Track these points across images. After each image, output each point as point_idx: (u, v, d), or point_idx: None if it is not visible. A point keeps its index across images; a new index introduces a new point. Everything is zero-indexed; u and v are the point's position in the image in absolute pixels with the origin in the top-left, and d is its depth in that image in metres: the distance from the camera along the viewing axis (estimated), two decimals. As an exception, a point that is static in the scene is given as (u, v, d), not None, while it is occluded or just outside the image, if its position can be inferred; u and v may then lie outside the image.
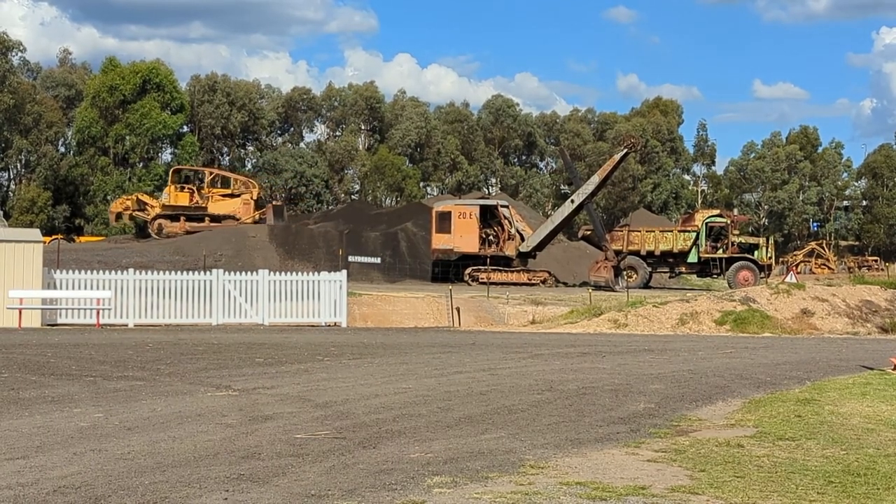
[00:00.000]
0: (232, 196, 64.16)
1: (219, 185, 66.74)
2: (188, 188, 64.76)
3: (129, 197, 67.51)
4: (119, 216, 66.15)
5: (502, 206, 51.09)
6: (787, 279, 34.10)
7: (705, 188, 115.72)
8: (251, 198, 63.63)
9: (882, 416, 11.77)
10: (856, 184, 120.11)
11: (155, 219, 62.37)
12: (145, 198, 66.41)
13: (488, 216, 50.24)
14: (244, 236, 52.65)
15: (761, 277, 44.94)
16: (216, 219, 61.31)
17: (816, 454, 9.35)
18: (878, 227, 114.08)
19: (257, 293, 28.89)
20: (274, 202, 71.56)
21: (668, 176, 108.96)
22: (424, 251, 53.45)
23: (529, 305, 33.40)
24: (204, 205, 62.56)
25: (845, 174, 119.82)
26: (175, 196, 63.28)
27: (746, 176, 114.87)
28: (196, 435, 9.80)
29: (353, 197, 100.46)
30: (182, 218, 61.37)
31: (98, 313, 27.55)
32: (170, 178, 67.83)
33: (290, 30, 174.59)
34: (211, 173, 69.02)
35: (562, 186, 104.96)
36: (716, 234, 48.26)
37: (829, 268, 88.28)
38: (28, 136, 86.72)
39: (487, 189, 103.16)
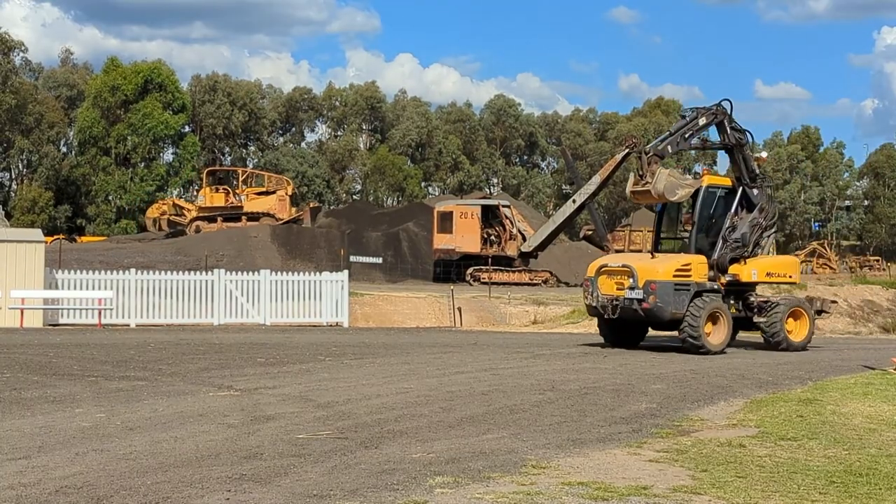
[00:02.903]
0: (267, 193, 64.02)
1: (252, 184, 66.74)
2: (223, 189, 64.48)
3: (166, 202, 67.85)
4: (156, 221, 66.11)
5: (504, 206, 51.08)
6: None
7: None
8: (286, 194, 63.51)
9: (884, 415, 11.77)
10: (857, 183, 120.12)
11: (192, 221, 62.36)
12: (181, 202, 66.77)
13: (490, 216, 50.24)
14: (246, 236, 52.67)
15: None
16: (254, 217, 61.05)
17: (818, 454, 9.35)
18: (879, 227, 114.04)
19: (259, 293, 28.87)
20: (312, 204, 71.66)
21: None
22: (426, 251, 53.44)
23: (531, 305, 33.39)
24: (240, 204, 62.46)
25: (847, 174, 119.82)
26: (211, 197, 63.10)
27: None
28: (198, 435, 9.81)
29: (354, 197, 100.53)
30: (219, 219, 61.29)
31: (100, 313, 27.53)
32: (204, 179, 67.78)
33: (292, 30, 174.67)
34: (244, 172, 69.03)
35: (563, 186, 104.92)
36: (717, 234, 48.17)
37: (831, 268, 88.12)
38: (30, 136, 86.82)
39: (489, 189, 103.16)
